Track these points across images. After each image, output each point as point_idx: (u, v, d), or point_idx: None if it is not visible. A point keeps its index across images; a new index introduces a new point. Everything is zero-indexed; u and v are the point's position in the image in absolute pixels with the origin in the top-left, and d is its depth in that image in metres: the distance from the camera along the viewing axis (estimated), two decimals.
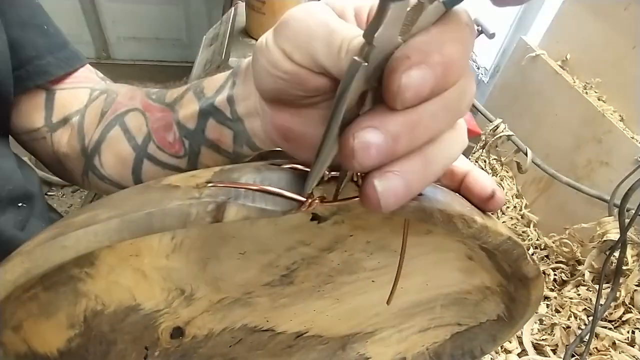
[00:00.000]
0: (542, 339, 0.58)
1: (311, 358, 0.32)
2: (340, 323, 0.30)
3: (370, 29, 0.12)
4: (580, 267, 0.64)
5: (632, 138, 0.61)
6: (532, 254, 0.70)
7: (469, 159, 0.87)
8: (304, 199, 0.15)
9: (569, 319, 0.58)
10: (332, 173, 0.17)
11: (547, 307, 0.62)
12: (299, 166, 0.17)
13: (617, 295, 0.56)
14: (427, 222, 0.17)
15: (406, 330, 0.31)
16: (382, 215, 0.17)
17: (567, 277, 0.66)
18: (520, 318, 0.25)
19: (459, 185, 0.21)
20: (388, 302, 0.26)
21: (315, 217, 0.22)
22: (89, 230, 0.14)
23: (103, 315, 0.23)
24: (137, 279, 0.22)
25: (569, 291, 0.62)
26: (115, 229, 0.14)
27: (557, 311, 0.61)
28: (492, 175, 0.85)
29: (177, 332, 0.27)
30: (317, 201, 0.15)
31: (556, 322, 0.58)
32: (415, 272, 0.26)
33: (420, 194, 0.17)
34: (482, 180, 0.20)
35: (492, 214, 0.20)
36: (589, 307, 0.59)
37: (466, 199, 0.20)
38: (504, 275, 0.24)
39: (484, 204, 0.20)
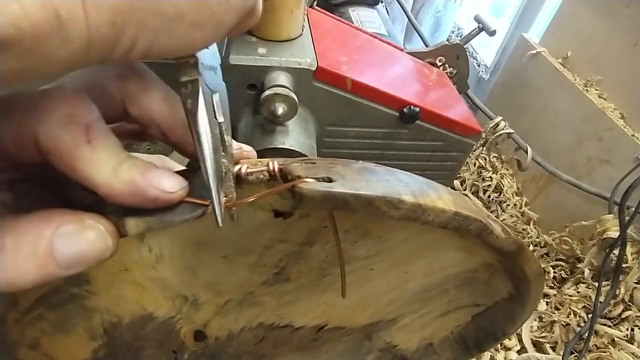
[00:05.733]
0: (542, 336, 0.58)
1: (339, 349, 0.32)
2: (356, 313, 0.30)
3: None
4: (579, 265, 0.64)
5: (633, 136, 0.61)
6: (532, 252, 0.70)
7: (470, 157, 0.87)
8: (207, 203, 0.15)
9: (568, 317, 0.58)
10: (251, 171, 0.17)
11: (547, 304, 0.62)
12: None
13: (617, 292, 0.56)
14: (343, 210, 0.16)
15: (427, 315, 0.31)
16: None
17: (566, 274, 0.66)
18: (528, 295, 0.24)
19: None
20: (343, 295, 0.26)
21: (279, 214, 0.22)
22: None
23: (121, 326, 0.23)
24: (138, 291, 0.23)
25: (569, 289, 0.63)
26: None
27: (557, 308, 0.61)
28: (493, 173, 0.85)
29: (200, 335, 0.27)
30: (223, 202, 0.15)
31: (555, 319, 0.58)
32: (412, 256, 0.26)
33: (330, 180, 0.16)
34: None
35: (492, 211, 0.20)
36: (588, 305, 0.59)
37: None
38: (497, 251, 0.23)
39: None
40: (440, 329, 0.31)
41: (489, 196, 0.82)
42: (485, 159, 0.87)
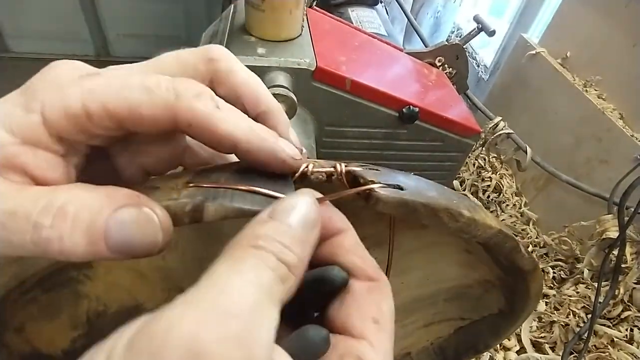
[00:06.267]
0: (541, 337, 0.58)
1: None
2: None
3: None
4: (579, 265, 0.64)
5: (632, 136, 0.61)
6: (531, 252, 0.70)
7: (469, 157, 0.87)
8: (284, 196, 0.15)
9: (567, 317, 0.58)
10: (316, 170, 0.17)
11: (546, 304, 0.62)
12: None
13: (616, 293, 0.56)
14: (411, 216, 0.17)
15: (410, 326, 0.31)
16: (374, 211, 0.17)
17: (566, 275, 0.66)
18: (521, 311, 0.25)
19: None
20: None
21: None
22: None
23: (106, 315, 0.23)
24: (137, 280, 0.22)
25: (568, 289, 0.62)
26: None
27: (556, 309, 0.61)
28: (492, 173, 0.85)
29: None
30: None
31: (555, 319, 0.58)
32: (415, 266, 0.26)
33: (402, 188, 0.17)
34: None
35: (492, 211, 0.20)
36: (587, 305, 0.59)
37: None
38: (502, 269, 0.24)
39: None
40: (421, 340, 0.31)
41: (488, 196, 0.82)
42: (484, 159, 0.87)
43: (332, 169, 0.17)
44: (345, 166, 0.17)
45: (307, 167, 0.17)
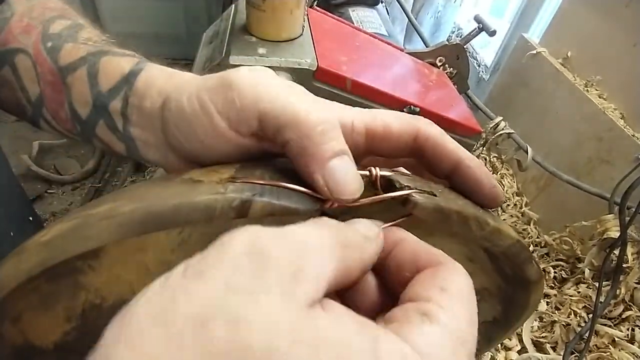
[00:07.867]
0: (542, 336, 0.58)
1: None
2: None
3: None
4: (580, 265, 0.64)
5: (633, 136, 0.61)
6: (532, 252, 0.70)
7: None
8: (326, 198, 0.16)
9: (568, 317, 0.58)
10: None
11: (547, 304, 0.62)
12: None
13: (617, 292, 0.56)
14: (444, 223, 0.17)
15: None
16: (389, 217, 0.17)
17: (567, 274, 0.66)
18: (516, 320, 0.25)
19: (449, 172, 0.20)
20: None
21: (323, 214, 0.22)
22: (113, 222, 0.14)
23: (101, 309, 0.22)
24: (140, 273, 0.22)
25: (569, 289, 0.62)
26: (140, 221, 0.14)
27: (557, 309, 0.61)
28: (493, 173, 0.85)
29: None
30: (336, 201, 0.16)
31: (556, 319, 0.58)
32: None
33: (435, 195, 0.17)
34: (479, 172, 0.19)
35: (493, 211, 0.20)
36: (589, 305, 0.59)
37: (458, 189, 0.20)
38: (504, 278, 0.24)
39: (482, 198, 0.19)
40: None
41: None
42: (485, 159, 0.87)
43: (366, 173, 0.18)
44: (379, 170, 0.18)
45: None
